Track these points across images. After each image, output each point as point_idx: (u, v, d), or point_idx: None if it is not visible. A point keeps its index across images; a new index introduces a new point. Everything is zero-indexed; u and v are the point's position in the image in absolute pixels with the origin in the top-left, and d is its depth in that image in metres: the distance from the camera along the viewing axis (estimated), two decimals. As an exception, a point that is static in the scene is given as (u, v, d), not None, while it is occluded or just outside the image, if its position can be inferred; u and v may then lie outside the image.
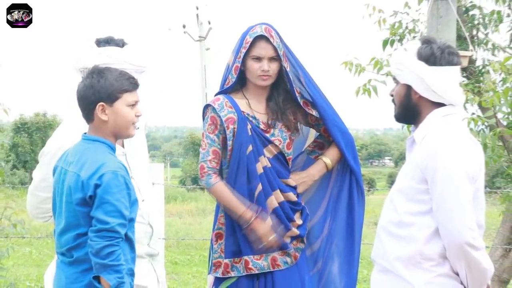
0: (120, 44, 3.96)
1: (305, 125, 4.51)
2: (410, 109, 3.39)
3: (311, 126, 4.52)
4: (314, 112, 4.35)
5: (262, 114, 4.32)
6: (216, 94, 4.36)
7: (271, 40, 4.21)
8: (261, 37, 4.22)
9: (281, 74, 4.31)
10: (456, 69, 3.33)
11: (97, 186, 3.28)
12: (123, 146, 3.95)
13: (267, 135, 4.28)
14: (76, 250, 3.36)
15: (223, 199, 4.21)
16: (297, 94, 4.32)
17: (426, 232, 3.22)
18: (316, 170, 4.43)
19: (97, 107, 3.40)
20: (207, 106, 4.30)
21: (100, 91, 3.40)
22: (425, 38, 3.44)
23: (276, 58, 4.24)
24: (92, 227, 3.27)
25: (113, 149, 3.47)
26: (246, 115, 4.27)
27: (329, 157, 4.43)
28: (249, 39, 4.23)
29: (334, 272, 4.43)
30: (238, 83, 4.34)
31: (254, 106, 4.32)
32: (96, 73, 3.44)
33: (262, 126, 4.29)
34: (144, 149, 4.16)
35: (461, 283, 3.24)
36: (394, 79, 3.44)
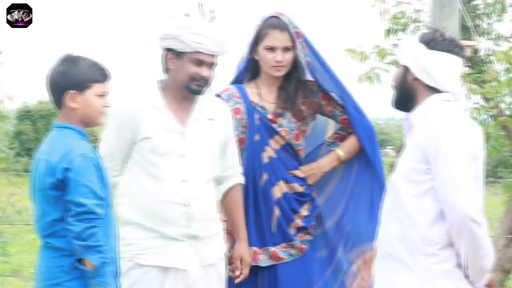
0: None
1: (321, 115, 4.42)
2: (406, 92, 3.38)
3: (328, 116, 4.42)
4: (334, 95, 4.29)
5: (271, 104, 4.27)
6: (231, 84, 4.34)
7: (288, 27, 4.17)
8: (274, 27, 4.17)
9: (295, 64, 4.26)
10: (456, 59, 3.32)
11: (67, 169, 3.28)
12: None
13: (274, 125, 4.25)
14: (52, 238, 3.37)
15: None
16: (321, 81, 4.29)
17: (428, 216, 3.20)
18: (326, 162, 4.36)
19: (67, 94, 3.39)
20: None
21: (72, 79, 3.38)
22: (432, 27, 3.46)
23: (291, 48, 4.18)
24: (69, 211, 3.28)
25: (84, 135, 3.46)
26: (255, 105, 4.24)
27: (343, 149, 4.35)
28: (260, 26, 4.20)
29: (342, 258, 4.37)
30: (250, 73, 4.31)
31: (265, 96, 4.27)
32: (70, 60, 3.42)
33: (269, 116, 4.25)
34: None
35: (461, 266, 3.24)
36: (397, 63, 3.46)
